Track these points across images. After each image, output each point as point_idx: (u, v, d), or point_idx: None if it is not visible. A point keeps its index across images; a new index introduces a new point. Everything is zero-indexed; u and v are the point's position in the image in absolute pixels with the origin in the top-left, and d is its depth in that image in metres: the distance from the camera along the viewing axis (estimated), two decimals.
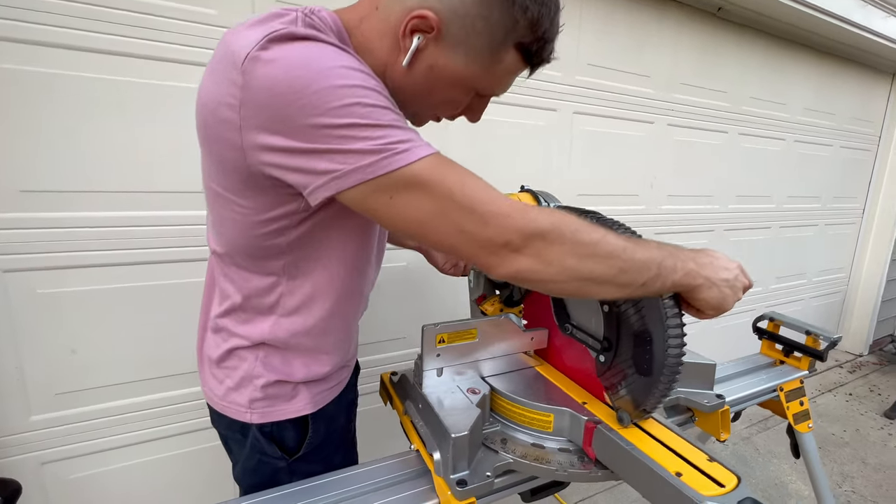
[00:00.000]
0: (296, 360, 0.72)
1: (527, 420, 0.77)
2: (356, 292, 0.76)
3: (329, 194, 0.51)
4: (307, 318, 0.70)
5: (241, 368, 0.72)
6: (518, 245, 0.52)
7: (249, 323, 0.70)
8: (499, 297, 1.07)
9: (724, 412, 0.95)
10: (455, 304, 1.75)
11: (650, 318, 0.64)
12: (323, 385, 0.76)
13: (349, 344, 0.81)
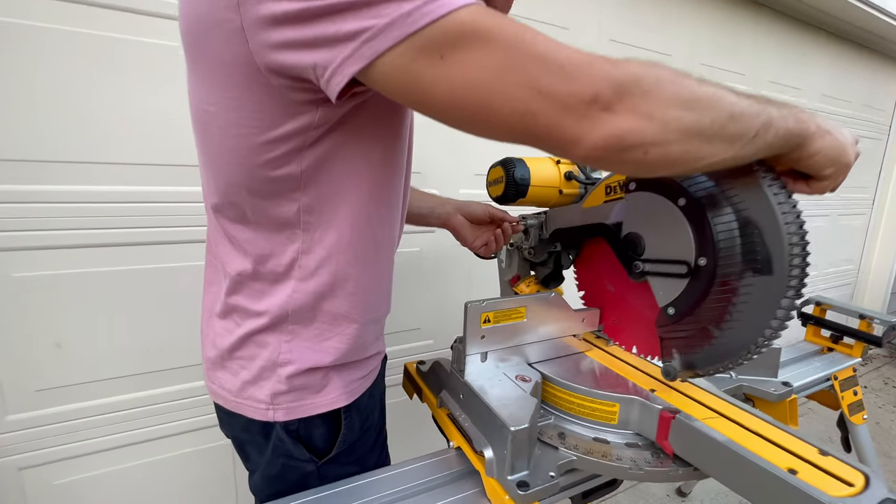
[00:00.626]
0: (326, 334, 0.61)
1: (586, 411, 0.66)
2: (388, 237, 0.64)
3: (361, 65, 0.39)
4: (333, 275, 0.59)
5: (261, 357, 0.60)
6: (609, 99, 0.38)
7: (265, 295, 0.59)
8: (535, 277, 0.97)
9: (791, 402, 0.86)
10: (470, 292, 1.64)
11: (749, 201, 0.52)
12: (356, 372, 0.65)
13: (385, 306, 0.70)
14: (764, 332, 0.52)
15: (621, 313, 0.76)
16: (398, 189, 0.63)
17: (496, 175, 0.85)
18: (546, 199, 0.85)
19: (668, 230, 0.61)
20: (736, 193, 0.54)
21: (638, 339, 0.73)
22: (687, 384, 0.68)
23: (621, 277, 0.74)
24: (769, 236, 0.51)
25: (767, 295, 0.51)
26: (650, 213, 0.64)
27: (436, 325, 1.59)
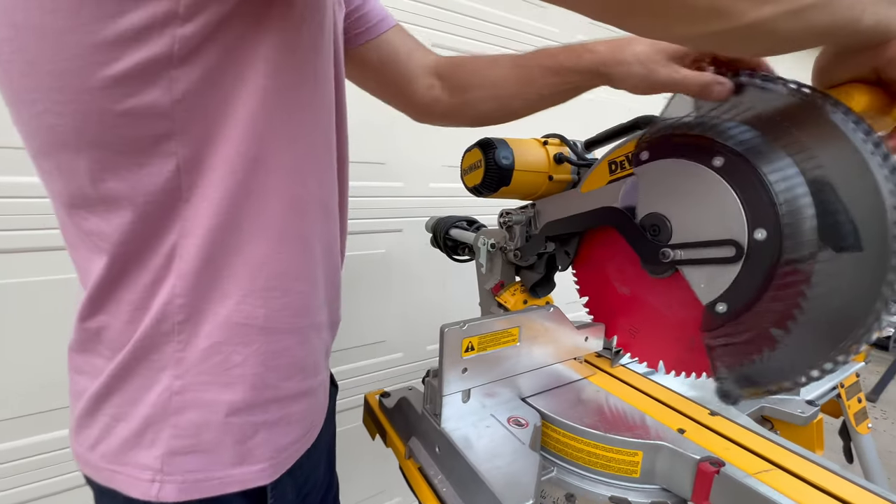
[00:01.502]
0: (233, 355, 0.42)
1: (601, 462, 0.51)
2: (321, 203, 0.46)
3: None
4: (237, 265, 0.40)
5: (144, 401, 0.41)
6: None
7: (139, 309, 0.40)
8: (521, 284, 0.81)
9: (818, 423, 0.75)
10: (444, 298, 1.48)
11: (821, 147, 0.38)
12: (292, 429, 0.47)
13: (327, 309, 0.51)
14: (857, 329, 0.38)
15: (640, 321, 0.60)
16: (328, 132, 0.45)
17: (472, 160, 0.68)
18: (533, 188, 0.69)
19: (704, 203, 0.46)
20: (798, 140, 0.40)
21: (666, 351, 0.57)
22: (724, 421, 0.54)
23: (637, 275, 0.59)
24: (855, 197, 0.37)
25: (856, 277, 0.38)
26: (674, 186, 0.49)
27: (405, 336, 1.42)
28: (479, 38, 1.36)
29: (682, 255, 0.49)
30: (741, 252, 0.43)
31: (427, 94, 0.64)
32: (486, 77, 0.61)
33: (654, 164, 0.51)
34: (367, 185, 1.25)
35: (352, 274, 1.28)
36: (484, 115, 0.64)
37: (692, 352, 0.53)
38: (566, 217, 0.66)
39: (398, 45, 0.63)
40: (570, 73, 0.54)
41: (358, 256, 1.28)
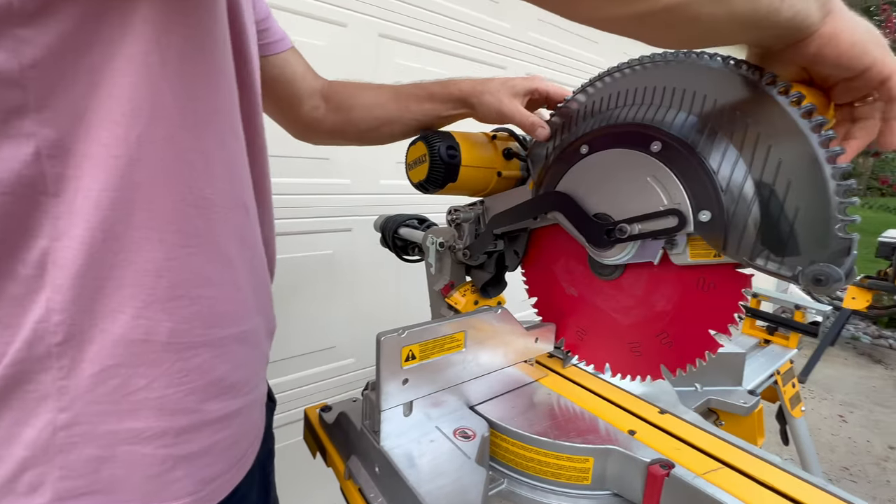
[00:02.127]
0: (134, 379, 0.35)
1: (551, 470, 0.48)
2: (228, 185, 0.39)
3: None
4: (124, 269, 0.34)
5: (20, 441, 0.33)
6: None
7: (5, 328, 0.33)
8: (472, 284, 0.78)
9: (759, 412, 0.77)
10: (398, 300, 1.43)
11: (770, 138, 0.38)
12: (218, 458, 0.40)
13: (253, 314, 0.44)
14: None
15: (587, 323, 0.59)
16: (232, 117, 0.39)
17: (417, 153, 0.64)
18: (482, 184, 0.66)
19: (647, 188, 0.46)
20: (749, 131, 0.39)
21: (612, 354, 0.57)
22: (673, 419, 0.53)
23: (584, 276, 0.58)
24: (801, 193, 0.37)
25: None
26: (615, 175, 0.49)
27: (356, 341, 1.35)
28: (430, 31, 1.32)
29: (638, 229, 0.47)
30: (683, 220, 0.43)
31: (312, 114, 0.67)
32: (367, 99, 0.67)
33: (594, 157, 0.51)
34: (311, 181, 1.18)
35: (297, 277, 1.20)
36: (364, 134, 0.69)
37: (638, 356, 0.53)
38: (513, 207, 0.63)
39: (294, 65, 0.64)
40: (441, 102, 0.63)
41: (303, 258, 1.20)
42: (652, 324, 0.51)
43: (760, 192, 0.38)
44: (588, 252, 0.56)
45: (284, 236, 1.16)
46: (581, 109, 0.54)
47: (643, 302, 0.52)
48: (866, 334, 3.60)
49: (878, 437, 2.25)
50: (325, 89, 0.68)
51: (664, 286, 0.50)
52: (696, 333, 0.47)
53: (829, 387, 2.76)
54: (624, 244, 0.50)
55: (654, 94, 0.46)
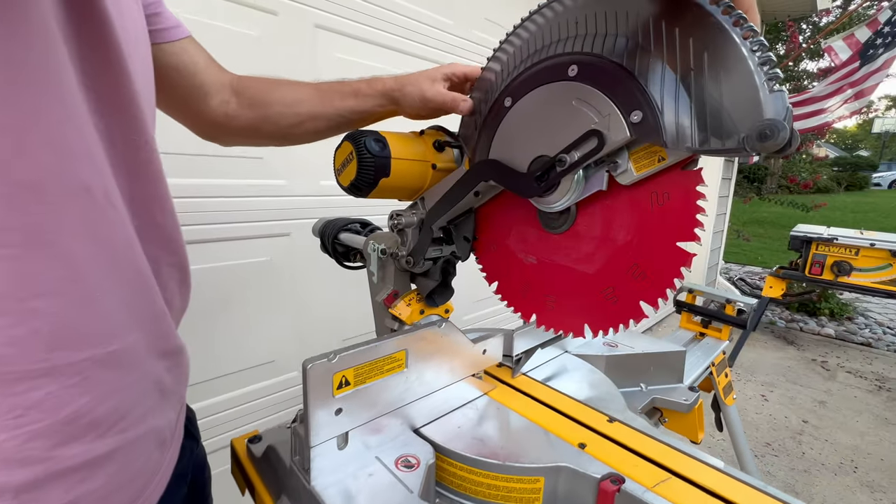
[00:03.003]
0: None
1: (501, 494, 0.45)
2: (74, 184, 0.32)
3: None
4: None
5: None
6: None
7: None
8: (417, 293, 0.74)
9: (699, 408, 0.79)
10: (344, 307, 1.35)
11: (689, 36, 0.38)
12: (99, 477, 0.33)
13: (139, 323, 0.38)
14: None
15: (554, 287, 0.54)
16: (65, 90, 0.31)
17: (344, 154, 0.60)
18: (419, 180, 0.63)
19: (575, 113, 0.45)
20: (667, 33, 0.39)
21: (586, 311, 0.51)
22: (622, 428, 0.52)
23: (539, 238, 0.55)
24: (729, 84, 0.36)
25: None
26: (544, 119, 0.48)
27: (299, 353, 1.27)
28: (371, 24, 1.26)
29: (578, 156, 0.45)
30: (602, 140, 0.43)
31: (221, 110, 0.60)
32: (286, 94, 0.62)
33: (517, 107, 0.51)
34: (243, 182, 1.08)
35: (230, 287, 1.09)
36: (285, 131, 0.63)
37: (614, 303, 0.48)
38: (446, 193, 0.61)
39: (194, 55, 0.57)
40: (366, 97, 0.62)
41: (237, 266, 1.10)
42: (619, 260, 0.47)
43: (686, 82, 0.38)
44: (538, 210, 0.53)
45: (214, 243, 1.05)
46: (496, 74, 0.54)
47: (604, 240, 0.49)
48: (781, 319, 3.98)
49: (794, 412, 2.48)
50: (235, 84, 0.61)
51: (620, 215, 0.47)
52: (666, 252, 0.44)
53: (753, 369, 3.02)
54: (568, 184, 0.48)
55: (559, 29, 0.47)
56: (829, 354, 3.28)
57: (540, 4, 0.49)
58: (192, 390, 1.13)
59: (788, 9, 3.91)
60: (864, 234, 2.88)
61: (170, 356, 0.43)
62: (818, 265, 2.90)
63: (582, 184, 0.48)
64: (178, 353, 0.45)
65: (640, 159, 0.43)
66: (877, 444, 2.20)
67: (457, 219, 0.65)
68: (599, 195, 0.47)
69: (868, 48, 3.08)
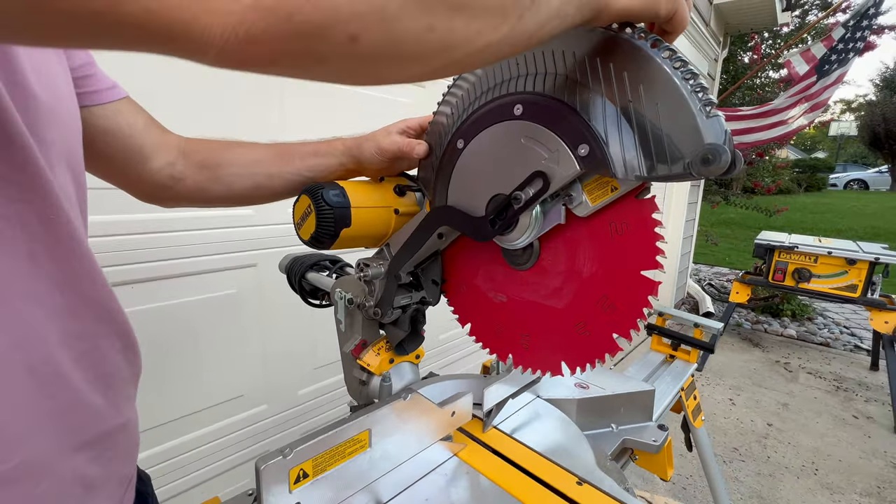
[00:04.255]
0: None
1: None
2: None
3: None
4: None
5: None
6: None
7: None
8: (387, 342, 0.72)
9: (668, 447, 0.80)
10: (315, 337, 1.32)
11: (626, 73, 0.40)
12: None
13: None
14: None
15: (527, 324, 0.54)
16: None
17: (302, 208, 0.59)
18: (382, 226, 0.62)
19: (524, 151, 0.46)
20: (606, 70, 0.40)
21: (561, 348, 0.51)
22: (591, 491, 0.51)
23: (507, 276, 0.55)
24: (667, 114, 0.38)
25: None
26: (496, 158, 0.49)
27: (269, 385, 1.23)
28: None
29: (531, 193, 0.46)
30: (546, 180, 0.45)
31: (165, 172, 0.56)
32: (241, 155, 0.60)
33: (469, 148, 0.52)
34: (207, 214, 1.03)
35: (194, 323, 1.05)
36: (237, 194, 0.61)
37: (588, 336, 0.48)
38: (406, 241, 0.60)
39: (131, 116, 0.53)
40: (327, 155, 0.61)
41: (200, 302, 1.05)
42: (588, 293, 0.47)
43: (627, 114, 0.40)
44: (501, 248, 0.53)
45: (177, 279, 1.00)
46: (447, 117, 0.55)
47: (570, 274, 0.49)
48: (747, 321, 4.14)
49: (759, 415, 2.58)
50: (183, 145, 0.58)
51: (582, 247, 0.47)
52: (631, 281, 0.44)
53: (721, 372, 3.12)
54: (526, 220, 0.48)
55: (503, 70, 0.48)
56: (791, 355, 3.43)
57: None
58: (159, 431, 1.08)
59: (751, 23, 4.06)
60: (822, 242, 3.03)
61: (96, 444, 0.39)
62: (780, 272, 3.02)
63: (540, 219, 0.48)
64: (111, 435, 0.41)
65: (593, 190, 0.44)
66: (835, 445, 2.31)
67: (423, 263, 0.64)
68: (560, 229, 0.48)
69: (824, 64, 3.24)
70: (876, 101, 21.05)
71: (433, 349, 1.70)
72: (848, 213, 10.79)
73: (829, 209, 11.53)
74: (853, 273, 2.76)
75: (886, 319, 2.66)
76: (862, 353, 3.48)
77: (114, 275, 0.91)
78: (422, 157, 0.58)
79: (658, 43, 0.38)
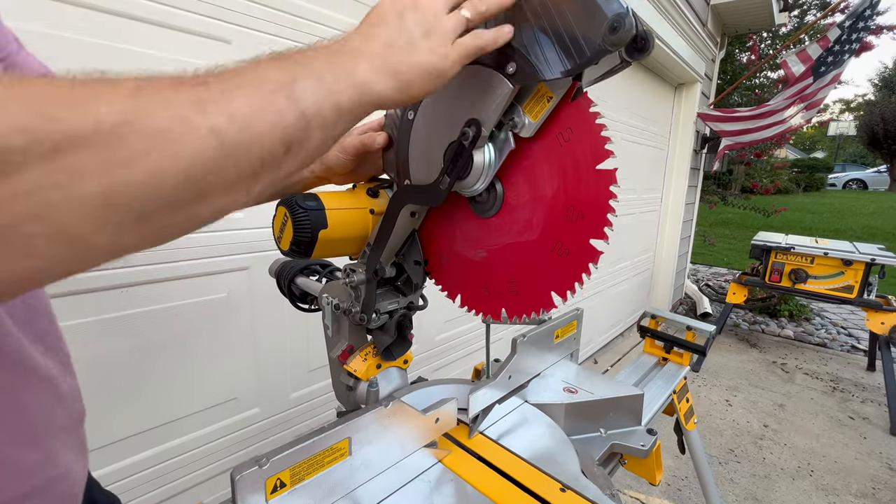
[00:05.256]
0: None
1: None
2: None
3: None
4: None
5: None
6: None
7: None
8: (374, 347, 0.72)
9: (657, 451, 0.80)
10: (308, 338, 1.32)
11: None
12: None
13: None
14: None
15: (512, 270, 0.53)
16: None
17: (280, 220, 0.60)
18: (360, 228, 0.63)
19: (459, 96, 0.49)
20: None
21: (546, 281, 0.49)
22: (575, 498, 0.51)
23: (480, 229, 0.56)
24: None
25: None
26: (443, 114, 0.52)
27: (261, 388, 1.23)
28: None
29: (471, 133, 0.48)
30: (478, 128, 0.47)
31: None
32: None
33: (419, 115, 0.54)
34: None
35: (185, 328, 1.05)
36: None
37: (567, 257, 0.47)
38: (378, 229, 0.61)
39: None
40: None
41: (191, 306, 1.05)
42: (555, 213, 0.47)
43: (540, 26, 0.41)
44: (469, 202, 0.55)
45: (167, 283, 1.00)
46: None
47: (535, 200, 0.49)
48: (745, 321, 4.14)
49: (755, 416, 2.58)
50: None
51: (539, 168, 0.48)
52: (590, 181, 0.44)
53: (717, 373, 3.12)
54: (480, 158, 0.50)
55: None
56: (788, 356, 3.43)
57: None
58: (151, 434, 1.08)
59: (748, 23, 4.06)
60: (819, 243, 3.03)
61: (24, 500, 0.36)
62: (777, 273, 3.03)
63: (492, 152, 0.50)
64: (44, 488, 0.37)
65: (532, 108, 0.46)
66: (831, 446, 2.31)
67: (402, 248, 0.65)
68: (514, 159, 0.50)
69: (820, 65, 3.24)
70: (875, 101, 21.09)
71: (429, 350, 1.70)
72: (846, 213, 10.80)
73: (828, 209, 11.54)
74: (850, 274, 2.76)
75: (883, 320, 2.66)
76: (859, 354, 3.48)
77: (105, 279, 0.91)
78: (382, 146, 0.59)
79: None
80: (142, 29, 0.89)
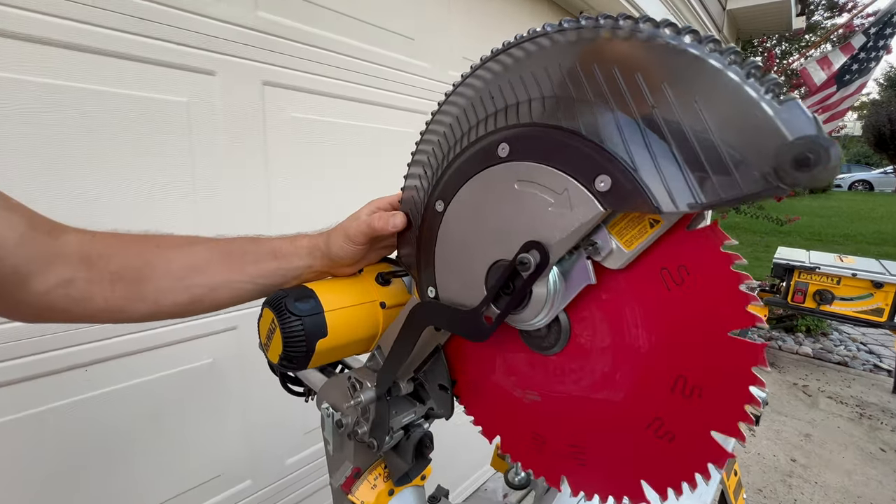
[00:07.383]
0: None
1: None
2: None
3: None
4: None
5: None
6: None
7: None
8: (385, 468, 0.58)
9: None
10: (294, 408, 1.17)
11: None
12: None
13: None
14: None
15: (577, 431, 0.39)
16: None
17: (266, 325, 0.48)
18: (368, 327, 0.51)
19: (521, 202, 0.36)
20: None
21: (636, 463, 0.35)
22: None
23: (532, 364, 0.41)
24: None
25: None
26: (486, 216, 0.39)
27: (252, 458, 1.09)
28: (333, 75, 1.09)
29: (532, 262, 0.35)
30: (546, 255, 0.34)
31: (58, 293, 0.40)
32: (173, 260, 0.45)
33: (451, 209, 0.41)
34: None
35: (160, 403, 0.91)
36: (167, 310, 0.46)
37: (669, 442, 0.33)
38: (391, 348, 0.48)
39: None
40: (289, 256, 0.50)
41: (169, 378, 0.91)
42: (654, 375, 0.33)
43: (653, 125, 0.28)
44: (519, 333, 0.41)
45: (143, 354, 0.87)
46: (419, 178, 0.45)
47: (619, 350, 0.35)
48: (759, 337, 4.00)
49: (781, 448, 2.44)
50: (86, 249, 0.42)
51: (628, 310, 0.34)
52: (717, 348, 0.30)
53: None
54: (542, 289, 0.36)
55: (475, 110, 0.38)
56: (809, 377, 3.29)
57: (446, 92, 0.41)
58: None
59: (764, 28, 3.92)
60: (844, 262, 2.88)
61: None
62: (800, 293, 2.88)
63: (561, 283, 0.36)
64: None
65: (623, 231, 0.32)
66: (865, 485, 2.17)
67: (423, 366, 0.51)
68: (592, 291, 0.35)
69: (844, 73, 3.10)
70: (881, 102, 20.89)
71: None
72: (855, 218, 10.64)
73: (836, 213, 11.38)
74: (879, 296, 2.62)
75: None
76: (882, 374, 3.33)
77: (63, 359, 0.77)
78: (399, 228, 0.47)
79: (674, 26, 0.27)
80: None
